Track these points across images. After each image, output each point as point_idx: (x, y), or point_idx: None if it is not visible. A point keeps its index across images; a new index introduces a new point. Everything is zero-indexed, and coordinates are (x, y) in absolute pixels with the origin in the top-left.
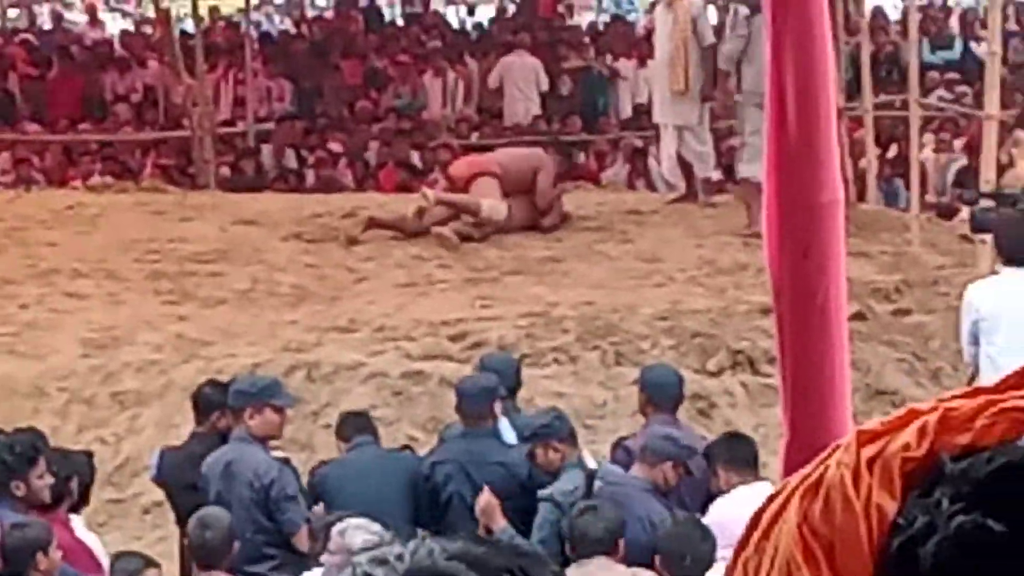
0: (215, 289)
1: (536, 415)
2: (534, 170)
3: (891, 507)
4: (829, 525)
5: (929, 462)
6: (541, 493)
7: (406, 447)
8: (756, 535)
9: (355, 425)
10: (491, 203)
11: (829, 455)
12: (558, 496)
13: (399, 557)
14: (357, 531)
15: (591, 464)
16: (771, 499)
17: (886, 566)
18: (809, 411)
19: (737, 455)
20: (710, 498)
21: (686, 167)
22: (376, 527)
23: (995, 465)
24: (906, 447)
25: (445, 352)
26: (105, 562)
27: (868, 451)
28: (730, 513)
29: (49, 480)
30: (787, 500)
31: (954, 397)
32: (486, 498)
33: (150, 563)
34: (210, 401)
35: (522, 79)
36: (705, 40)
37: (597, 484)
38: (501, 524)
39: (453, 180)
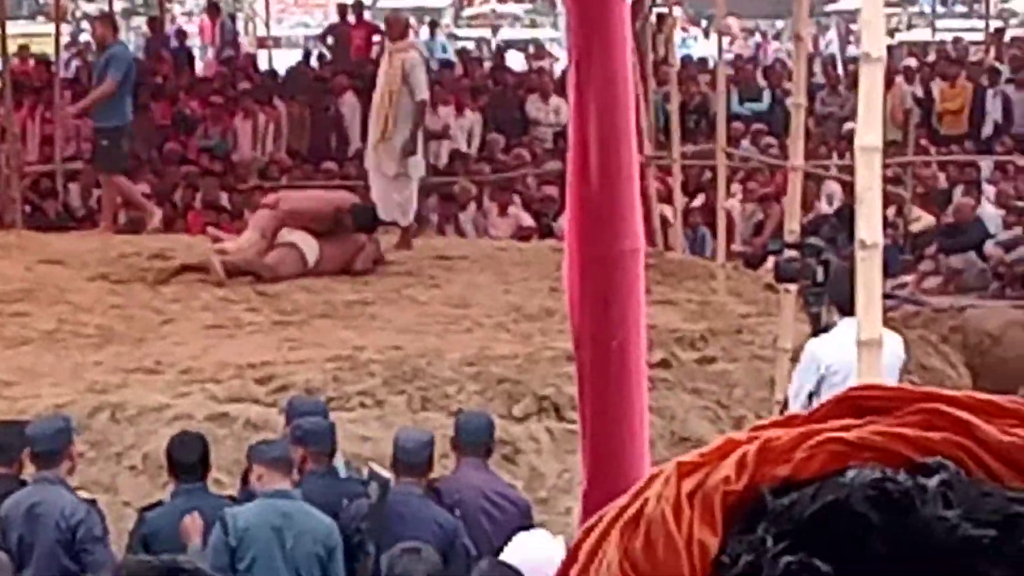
0: (19, 329)
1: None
2: (337, 209)
3: (713, 543)
4: (651, 563)
5: (749, 496)
6: None
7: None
8: (575, 571)
9: (187, 460)
10: (245, 238)
11: (647, 486)
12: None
13: None
14: None
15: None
16: (587, 532)
17: None
18: (607, 459)
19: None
20: None
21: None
22: None
23: (820, 503)
24: (727, 480)
25: (251, 395)
26: None
27: (688, 484)
28: (537, 555)
29: None
30: (605, 534)
31: (772, 425)
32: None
33: None
34: (10, 443)
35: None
36: (418, 94)
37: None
38: (196, 541)
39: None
